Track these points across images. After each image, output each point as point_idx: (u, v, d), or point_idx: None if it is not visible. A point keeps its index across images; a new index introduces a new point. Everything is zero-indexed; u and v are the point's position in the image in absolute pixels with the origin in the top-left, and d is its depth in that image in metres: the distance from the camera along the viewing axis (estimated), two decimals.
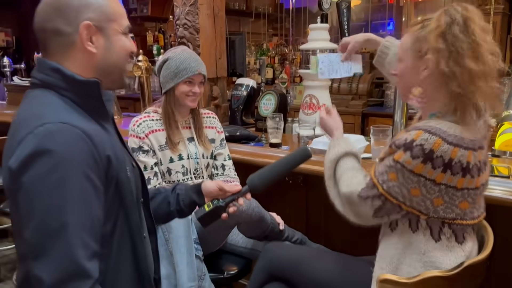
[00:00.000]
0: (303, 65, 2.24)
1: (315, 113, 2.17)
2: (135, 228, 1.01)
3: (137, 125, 1.74)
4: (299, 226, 2.04)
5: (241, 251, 1.77)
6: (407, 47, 1.18)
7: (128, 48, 1.01)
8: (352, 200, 1.18)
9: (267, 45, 5.08)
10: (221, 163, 1.88)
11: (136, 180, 1.06)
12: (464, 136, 1.06)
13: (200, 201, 1.26)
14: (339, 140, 1.37)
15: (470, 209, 1.12)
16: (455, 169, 1.05)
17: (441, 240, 1.13)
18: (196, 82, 1.75)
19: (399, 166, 1.09)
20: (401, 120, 2.25)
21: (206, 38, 2.48)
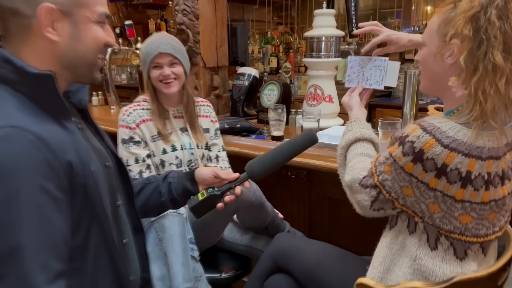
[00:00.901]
0: (308, 53, 2.12)
1: (319, 105, 2.06)
2: (111, 236, 0.91)
3: (127, 114, 1.65)
4: (301, 223, 1.97)
5: (240, 250, 1.68)
6: (432, 30, 1.04)
7: (101, 39, 0.89)
8: (354, 188, 1.11)
9: (272, 34, 4.95)
10: (215, 154, 1.80)
11: (111, 181, 0.95)
12: (469, 141, 0.92)
13: (194, 189, 1.16)
14: (352, 124, 1.26)
15: (473, 225, 1.00)
16: (452, 177, 0.93)
17: (437, 250, 1.03)
18: (164, 64, 1.63)
19: (392, 160, 1.01)
20: (411, 112, 2.14)
21: (206, 25, 2.37)
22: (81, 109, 0.99)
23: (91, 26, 0.87)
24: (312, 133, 1.17)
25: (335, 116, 2.15)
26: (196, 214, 1.11)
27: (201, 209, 1.11)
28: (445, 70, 1.01)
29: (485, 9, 0.92)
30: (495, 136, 0.95)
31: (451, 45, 0.98)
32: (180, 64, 1.66)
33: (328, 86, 2.08)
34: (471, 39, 0.93)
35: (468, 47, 0.93)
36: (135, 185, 1.18)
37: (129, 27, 2.91)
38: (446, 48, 0.99)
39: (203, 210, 1.11)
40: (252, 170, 1.11)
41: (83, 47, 0.87)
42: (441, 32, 1.00)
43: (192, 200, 1.11)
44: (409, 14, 4.70)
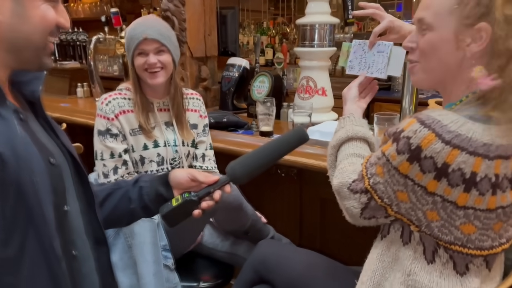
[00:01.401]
0: (300, 42, 1.97)
1: (312, 98, 1.92)
2: (52, 247, 0.77)
3: (105, 103, 1.49)
4: (292, 224, 1.86)
5: (221, 256, 1.55)
6: (445, 10, 0.87)
7: (50, 19, 0.78)
8: (342, 193, 0.98)
9: (268, 24, 4.79)
10: (201, 153, 1.65)
11: (56, 181, 0.81)
12: (475, 136, 0.79)
13: (169, 195, 1.01)
14: (345, 120, 1.11)
15: (477, 235, 0.87)
16: (454, 179, 0.80)
17: (434, 263, 0.90)
18: (149, 51, 1.46)
19: (385, 160, 0.88)
20: (410, 107, 2.01)
21: (194, 12, 2.22)
22: (32, 102, 0.88)
23: (39, 4, 0.76)
24: (301, 130, 1.03)
25: (328, 110, 2.02)
26: (170, 222, 0.97)
27: (175, 216, 0.97)
28: (461, 59, 0.87)
29: None
30: (505, 131, 0.81)
31: (475, 30, 0.84)
32: (168, 52, 1.49)
33: (321, 78, 1.94)
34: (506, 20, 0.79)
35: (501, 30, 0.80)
36: (102, 191, 1.04)
37: (115, 15, 2.77)
38: (467, 33, 0.85)
39: (177, 218, 0.97)
40: (233, 172, 0.96)
41: (28, 28, 0.76)
42: (460, 14, 0.85)
43: (165, 207, 0.96)
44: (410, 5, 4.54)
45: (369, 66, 1.23)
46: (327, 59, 1.98)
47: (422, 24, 0.92)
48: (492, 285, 0.93)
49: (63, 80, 3.09)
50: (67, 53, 3.51)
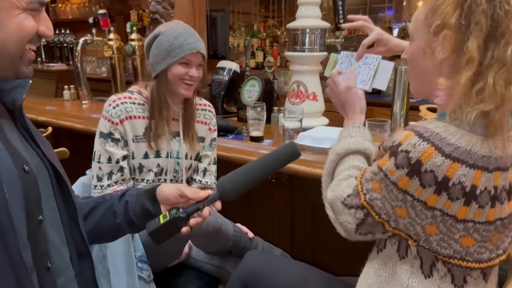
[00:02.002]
0: (291, 46, 1.95)
1: (302, 103, 1.90)
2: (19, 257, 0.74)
3: (113, 106, 1.43)
4: (283, 231, 1.84)
5: (208, 269, 1.50)
6: (420, 21, 0.90)
7: (27, 29, 0.77)
8: (336, 207, 0.96)
9: (258, 26, 4.77)
10: (204, 167, 1.61)
11: (28, 190, 0.78)
12: (474, 149, 0.79)
13: (155, 210, 0.98)
14: (355, 130, 1.07)
15: (476, 248, 0.86)
16: (454, 193, 0.79)
17: (432, 277, 0.88)
18: (194, 64, 1.43)
19: (382, 175, 0.87)
20: (401, 112, 2.00)
21: (182, 14, 2.19)
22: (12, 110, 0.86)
23: (16, 13, 0.76)
24: (293, 146, 1.01)
25: (319, 115, 2.00)
26: (156, 240, 0.94)
27: (162, 234, 0.93)
28: (436, 66, 0.88)
29: None
30: (502, 143, 0.81)
31: (441, 37, 0.85)
32: (202, 66, 1.49)
33: (312, 83, 1.92)
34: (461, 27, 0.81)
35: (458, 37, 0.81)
36: (87, 204, 1.01)
37: (103, 17, 2.73)
38: (435, 41, 0.86)
39: (164, 236, 0.94)
40: (224, 188, 0.94)
41: (2, 36, 0.75)
42: (429, 22, 0.87)
43: (152, 223, 0.93)
44: (401, 8, 4.56)
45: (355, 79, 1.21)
46: (318, 63, 1.97)
47: (409, 35, 0.96)
48: None
49: (50, 82, 3.03)
50: (54, 54, 3.45)
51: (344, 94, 1.15)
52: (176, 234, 0.94)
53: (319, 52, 1.92)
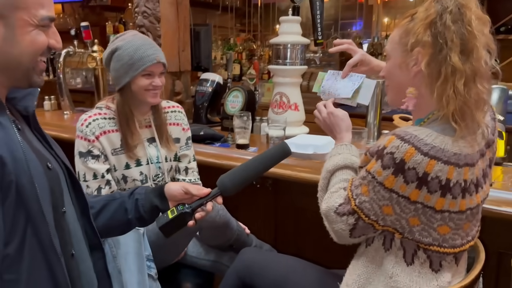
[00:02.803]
0: (274, 60, 2.08)
1: (285, 112, 2.02)
2: (51, 243, 0.83)
3: (85, 124, 1.48)
4: (267, 234, 1.92)
5: (203, 264, 1.59)
6: (394, 42, 1.05)
7: (39, 44, 0.84)
8: (330, 217, 1.05)
9: (235, 40, 4.90)
10: (184, 166, 1.68)
11: (54, 184, 0.87)
12: (446, 147, 0.92)
13: (163, 206, 1.09)
14: (342, 148, 1.18)
15: (450, 235, 0.99)
16: (433, 186, 0.91)
17: (413, 264, 1.01)
18: (156, 73, 1.50)
19: (370, 177, 0.98)
20: (374, 121, 2.16)
21: (168, 28, 2.28)
22: (26, 116, 0.94)
23: (29, 29, 0.83)
24: (285, 145, 1.12)
25: (300, 124, 2.12)
26: (166, 233, 1.04)
27: (171, 228, 1.04)
28: (410, 79, 1.02)
29: (441, 15, 0.94)
30: (469, 142, 0.95)
31: (414, 53, 0.99)
32: (164, 74, 1.55)
33: (294, 94, 2.05)
34: (432, 44, 0.94)
35: (429, 53, 0.95)
36: (98, 202, 1.10)
37: (86, 29, 2.77)
38: (409, 57, 1.00)
39: (173, 229, 1.04)
40: (223, 185, 1.05)
41: (17, 51, 0.83)
42: (403, 42, 1.02)
43: (161, 218, 1.04)
44: (370, 24, 4.81)
45: (338, 92, 1.35)
46: (299, 76, 2.10)
47: (386, 54, 1.10)
48: (460, 278, 1.05)
49: None
50: None
51: (328, 120, 1.26)
52: (183, 227, 1.04)
53: (300, 66, 2.05)
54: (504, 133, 1.69)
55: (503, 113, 1.75)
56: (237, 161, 1.78)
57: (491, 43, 0.96)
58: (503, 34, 3.76)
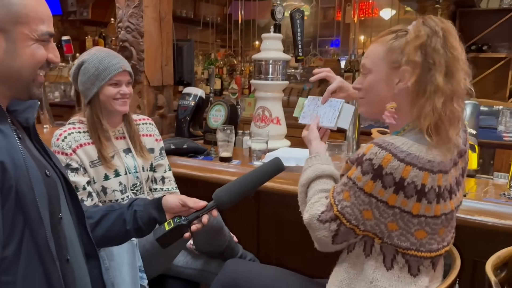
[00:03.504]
0: (256, 75, 2.13)
1: (267, 126, 2.07)
2: (47, 246, 0.85)
3: (61, 139, 1.49)
4: (249, 245, 1.93)
5: (189, 273, 1.60)
6: (379, 57, 1.09)
7: (39, 57, 0.88)
8: (313, 225, 1.08)
9: (215, 55, 4.96)
10: (161, 176, 1.71)
11: (51, 191, 0.90)
12: (421, 155, 0.97)
13: (161, 218, 1.12)
14: (312, 160, 1.23)
15: (427, 239, 1.04)
16: (409, 191, 0.96)
17: (393, 269, 1.05)
18: (123, 82, 1.54)
19: (351, 183, 1.02)
20: (353, 135, 2.22)
21: (151, 43, 2.31)
22: (27, 127, 0.97)
23: (30, 43, 0.87)
24: (279, 161, 1.17)
25: (282, 138, 2.17)
26: (163, 244, 1.07)
27: (168, 239, 1.07)
28: (393, 94, 1.07)
29: (431, 38, 1.00)
30: (442, 151, 1.00)
31: (401, 71, 1.04)
32: (131, 84, 1.59)
33: (275, 108, 2.10)
34: (421, 64, 0.99)
35: (418, 72, 1.00)
36: (97, 212, 1.13)
37: (67, 43, 2.77)
38: (395, 74, 1.06)
39: (170, 240, 1.07)
40: (219, 198, 1.09)
41: (18, 63, 0.87)
42: (389, 59, 1.07)
43: (158, 230, 1.07)
44: (347, 42, 4.95)
45: (321, 120, 1.38)
46: (280, 91, 2.15)
47: (364, 69, 1.14)
48: (437, 283, 1.10)
49: None
50: None
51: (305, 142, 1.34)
52: (179, 239, 1.07)
53: (281, 81, 2.11)
54: (476, 146, 1.77)
55: (476, 128, 1.83)
56: (220, 173, 1.81)
57: (467, 67, 1.03)
58: (474, 52, 3.94)
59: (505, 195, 1.49)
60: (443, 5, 3.59)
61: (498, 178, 1.79)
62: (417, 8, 4.01)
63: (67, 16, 5.20)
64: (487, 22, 3.84)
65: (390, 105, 1.08)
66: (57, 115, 3.33)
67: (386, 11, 4.82)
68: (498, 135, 3.26)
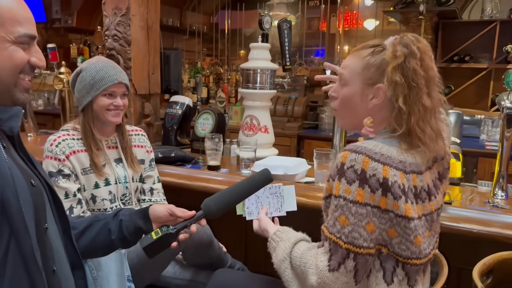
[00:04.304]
0: (244, 84, 2.14)
1: (255, 134, 2.07)
2: (33, 257, 0.83)
3: (55, 145, 1.49)
4: (237, 253, 1.92)
5: (177, 284, 1.58)
6: (356, 72, 1.08)
7: (17, 60, 0.86)
8: (328, 281, 0.98)
9: (202, 64, 4.97)
10: (149, 187, 1.70)
11: (36, 200, 0.88)
12: (393, 155, 0.98)
13: (147, 228, 1.10)
14: (277, 236, 1.16)
15: (424, 246, 1.03)
16: (396, 192, 0.95)
17: (393, 283, 1.03)
18: (118, 94, 1.54)
19: (342, 201, 0.98)
20: (340, 144, 2.24)
21: (139, 52, 2.30)
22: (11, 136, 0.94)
23: (7, 45, 0.85)
24: (267, 172, 1.17)
25: (270, 146, 2.18)
26: (149, 253, 1.05)
27: (155, 248, 1.05)
28: (366, 109, 1.08)
29: (408, 59, 1.00)
30: (412, 154, 1.02)
31: (375, 88, 1.05)
32: (127, 96, 1.59)
33: (263, 117, 2.11)
34: (402, 85, 1.00)
35: (401, 93, 1.00)
36: (81, 223, 1.11)
37: (52, 51, 2.74)
38: (370, 90, 1.06)
39: (156, 250, 1.05)
40: (208, 208, 1.08)
41: None
42: (365, 75, 1.07)
43: (145, 239, 1.05)
44: (333, 51, 5.01)
45: (270, 211, 1.33)
46: (268, 100, 2.17)
47: (341, 79, 1.12)
48: None
49: None
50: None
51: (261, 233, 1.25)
52: (166, 248, 1.05)
53: (269, 90, 2.12)
54: (460, 155, 1.80)
55: (459, 136, 1.86)
56: (208, 182, 1.80)
57: (440, 82, 1.05)
58: (456, 63, 4.03)
59: (490, 202, 1.52)
60: (427, 16, 3.66)
61: (482, 186, 1.82)
62: (401, 20, 4.09)
63: (51, 24, 5.15)
64: (469, 34, 3.93)
65: (368, 121, 1.08)
66: (40, 123, 3.28)
67: (370, 22, 4.91)
68: (480, 144, 3.33)
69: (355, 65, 1.09)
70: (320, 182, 1.70)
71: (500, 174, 1.60)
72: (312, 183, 1.75)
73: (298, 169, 1.77)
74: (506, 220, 1.38)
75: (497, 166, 1.61)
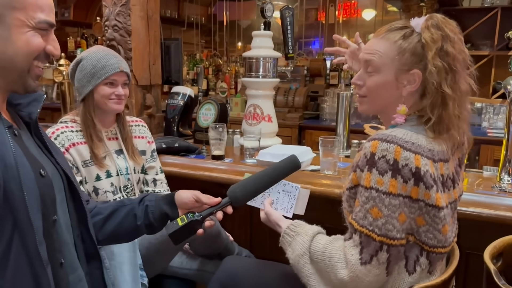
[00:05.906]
0: (247, 73, 2.12)
1: (259, 124, 2.06)
2: (36, 252, 0.81)
3: (54, 137, 1.46)
4: (242, 240, 1.92)
5: (185, 274, 1.58)
6: (388, 58, 1.02)
7: (34, 45, 0.84)
8: (360, 275, 0.96)
9: (200, 55, 4.94)
10: (152, 178, 1.68)
11: (45, 191, 0.86)
12: (422, 144, 0.95)
13: (173, 214, 1.08)
14: (293, 228, 1.12)
15: (450, 233, 1.01)
16: (428, 181, 0.93)
17: (415, 273, 1.01)
18: (119, 83, 1.52)
19: (375, 193, 0.94)
20: (344, 132, 2.24)
21: (139, 42, 2.27)
22: (29, 122, 0.93)
23: (25, 30, 0.83)
24: (295, 158, 1.13)
25: (273, 135, 2.17)
26: (175, 240, 1.03)
27: (181, 235, 1.03)
28: (398, 95, 1.03)
29: (445, 42, 0.97)
30: (438, 142, 0.99)
31: (410, 74, 1.00)
32: (128, 85, 1.57)
33: (267, 106, 2.10)
34: (445, 69, 0.96)
35: (444, 78, 0.97)
36: (106, 208, 1.09)
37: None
38: (404, 76, 1.01)
39: (182, 236, 1.04)
40: (234, 195, 1.06)
41: (11, 51, 0.82)
42: (400, 61, 1.01)
43: (171, 225, 1.03)
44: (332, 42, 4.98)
45: (273, 202, 1.25)
46: (271, 88, 2.15)
47: (368, 65, 1.06)
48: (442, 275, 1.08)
49: None
50: None
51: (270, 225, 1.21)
52: (192, 235, 1.04)
53: (272, 79, 2.11)
54: None
55: None
56: (213, 171, 1.79)
57: (471, 67, 1.02)
58: None
59: (497, 187, 1.52)
60: (428, 3, 3.64)
61: (487, 172, 1.82)
62: (401, 7, 4.07)
63: None
64: (469, 21, 3.91)
65: (402, 109, 1.03)
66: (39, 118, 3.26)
67: (368, 12, 4.88)
68: (482, 131, 3.33)
69: (386, 51, 1.02)
70: (325, 169, 1.70)
71: (506, 159, 1.60)
72: (318, 171, 1.74)
73: (304, 157, 1.76)
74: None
75: (503, 151, 1.60)
